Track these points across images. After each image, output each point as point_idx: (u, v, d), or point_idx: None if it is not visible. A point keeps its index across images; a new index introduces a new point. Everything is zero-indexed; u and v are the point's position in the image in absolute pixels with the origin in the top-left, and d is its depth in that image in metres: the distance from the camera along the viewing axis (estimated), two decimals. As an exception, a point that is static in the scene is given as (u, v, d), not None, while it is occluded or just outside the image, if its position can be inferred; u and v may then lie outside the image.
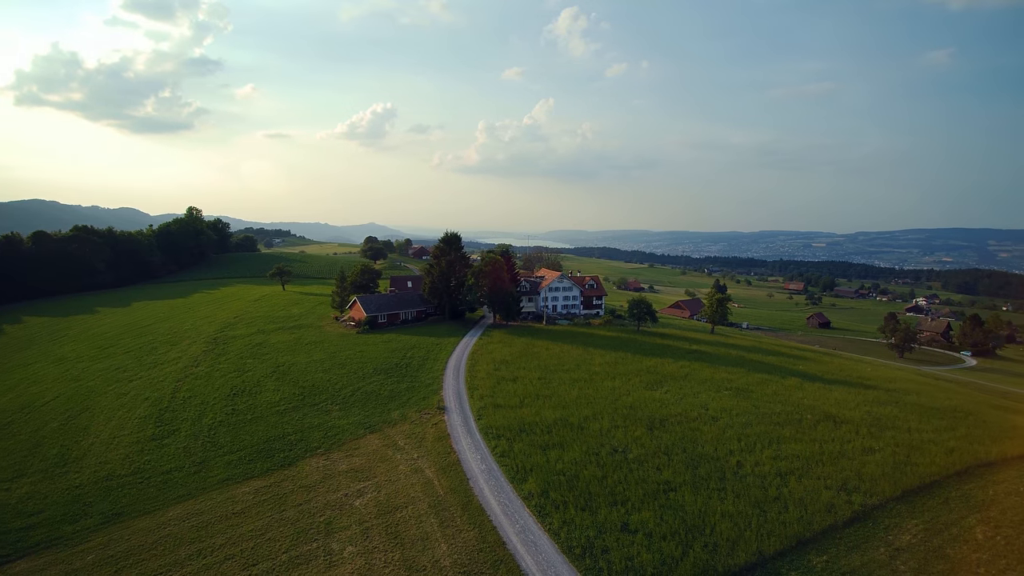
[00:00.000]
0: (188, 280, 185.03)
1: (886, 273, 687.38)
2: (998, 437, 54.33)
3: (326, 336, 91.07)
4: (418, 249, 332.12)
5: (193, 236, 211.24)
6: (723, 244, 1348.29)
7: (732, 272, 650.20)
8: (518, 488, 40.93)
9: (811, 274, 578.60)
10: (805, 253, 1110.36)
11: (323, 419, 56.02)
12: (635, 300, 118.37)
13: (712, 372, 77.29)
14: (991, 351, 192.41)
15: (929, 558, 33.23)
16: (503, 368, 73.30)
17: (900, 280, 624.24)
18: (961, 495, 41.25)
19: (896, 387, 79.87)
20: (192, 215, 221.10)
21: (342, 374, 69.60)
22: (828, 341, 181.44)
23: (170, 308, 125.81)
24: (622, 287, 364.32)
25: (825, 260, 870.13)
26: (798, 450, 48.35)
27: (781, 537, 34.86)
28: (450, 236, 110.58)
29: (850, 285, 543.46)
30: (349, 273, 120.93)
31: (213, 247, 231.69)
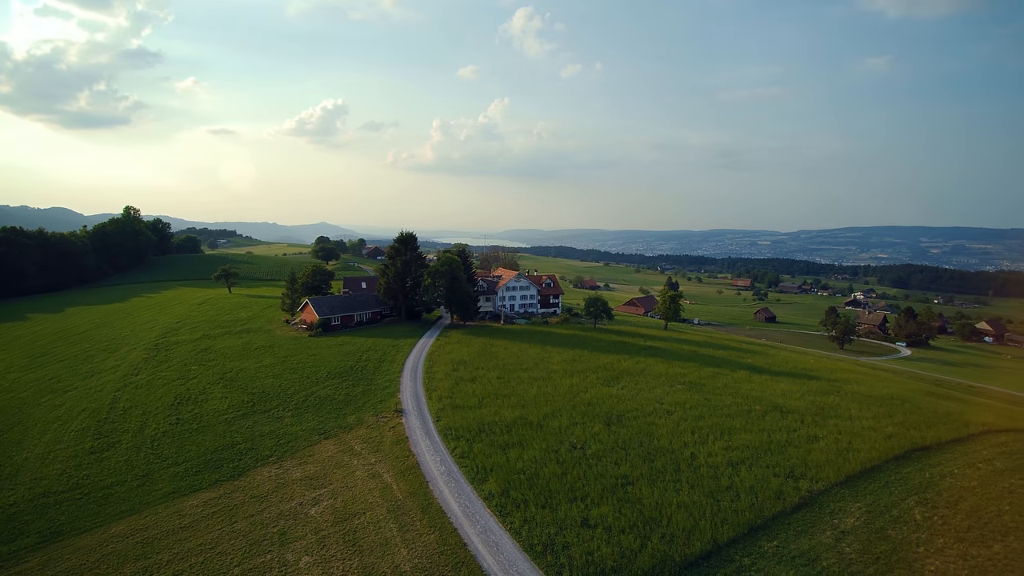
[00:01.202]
0: (126, 284, 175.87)
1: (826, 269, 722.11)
2: (932, 423, 57.76)
3: (276, 340, 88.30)
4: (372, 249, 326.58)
5: (131, 237, 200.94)
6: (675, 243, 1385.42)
7: (684, 270, 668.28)
8: (478, 488, 40.78)
9: (757, 271, 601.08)
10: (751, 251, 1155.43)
11: (275, 426, 54.26)
12: (591, 298, 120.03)
13: (666, 367, 79.16)
14: (924, 342, 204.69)
15: (872, 539, 35.01)
16: (461, 368, 72.90)
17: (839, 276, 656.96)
18: (900, 478, 43.65)
19: (837, 377, 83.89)
20: (129, 215, 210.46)
21: (294, 379, 67.62)
22: (774, 335, 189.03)
23: (107, 313, 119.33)
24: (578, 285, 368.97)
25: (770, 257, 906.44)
26: (748, 440, 50.09)
27: (734, 525, 35.99)
28: (405, 236, 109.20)
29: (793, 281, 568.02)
30: (300, 274, 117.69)
31: (153, 248, 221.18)
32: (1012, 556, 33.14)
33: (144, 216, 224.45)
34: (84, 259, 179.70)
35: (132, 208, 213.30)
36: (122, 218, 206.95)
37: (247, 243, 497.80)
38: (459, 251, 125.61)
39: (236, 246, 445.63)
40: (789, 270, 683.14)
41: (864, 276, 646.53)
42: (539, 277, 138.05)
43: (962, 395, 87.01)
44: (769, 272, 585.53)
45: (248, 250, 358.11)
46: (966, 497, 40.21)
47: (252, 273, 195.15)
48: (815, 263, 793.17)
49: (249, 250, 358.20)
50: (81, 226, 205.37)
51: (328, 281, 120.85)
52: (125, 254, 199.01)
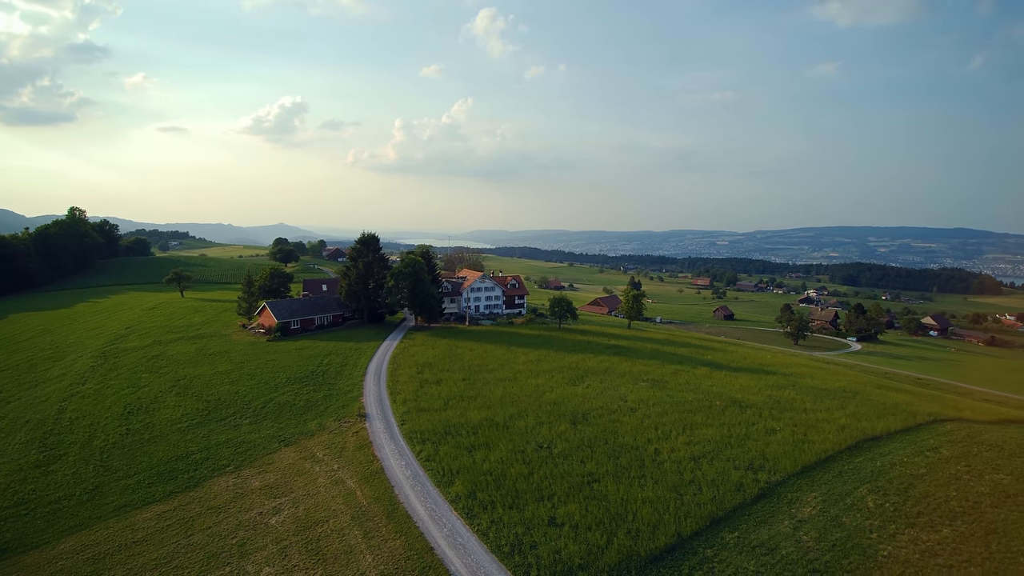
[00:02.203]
0: (72, 288, 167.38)
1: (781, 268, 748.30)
2: (882, 413, 60.20)
3: (232, 345, 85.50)
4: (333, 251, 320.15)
5: (76, 239, 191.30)
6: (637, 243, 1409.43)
7: (646, 269, 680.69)
8: (445, 491, 40.33)
9: (716, 270, 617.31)
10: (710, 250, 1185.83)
11: (232, 434, 52.45)
12: (556, 298, 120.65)
13: (630, 365, 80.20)
14: (873, 336, 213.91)
15: (828, 527, 36.18)
16: (426, 371, 72.12)
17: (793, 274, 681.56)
18: (852, 468, 45.29)
19: (793, 372, 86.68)
20: (74, 216, 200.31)
21: (252, 385, 65.56)
22: (733, 332, 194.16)
23: (51, 320, 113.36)
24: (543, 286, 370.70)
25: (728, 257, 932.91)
26: (709, 435, 51.14)
27: (697, 518, 36.64)
28: (368, 237, 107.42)
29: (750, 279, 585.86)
30: (257, 277, 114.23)
31: (100, 251, 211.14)
32: (960, 540, 34.78)
33: (90, 217, 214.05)
34: (26, 263, 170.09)
35: (77, 209, 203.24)
36: (67, 220, 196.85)
37: (201, 245, 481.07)
38: (423, 252, 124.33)
39: (189, 248, 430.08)
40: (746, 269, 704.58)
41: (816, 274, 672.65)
42: (504, 278, 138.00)
43: (910, 387, 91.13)
44: (727, 271, 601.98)
45: (202, 252, 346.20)
46: (915, 484, 42.03)
47: (206, 276, 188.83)
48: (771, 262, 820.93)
49: (203, 252, 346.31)
50: (23, 228, 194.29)
51: (287, 284, 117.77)
52: (70, 257, 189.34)
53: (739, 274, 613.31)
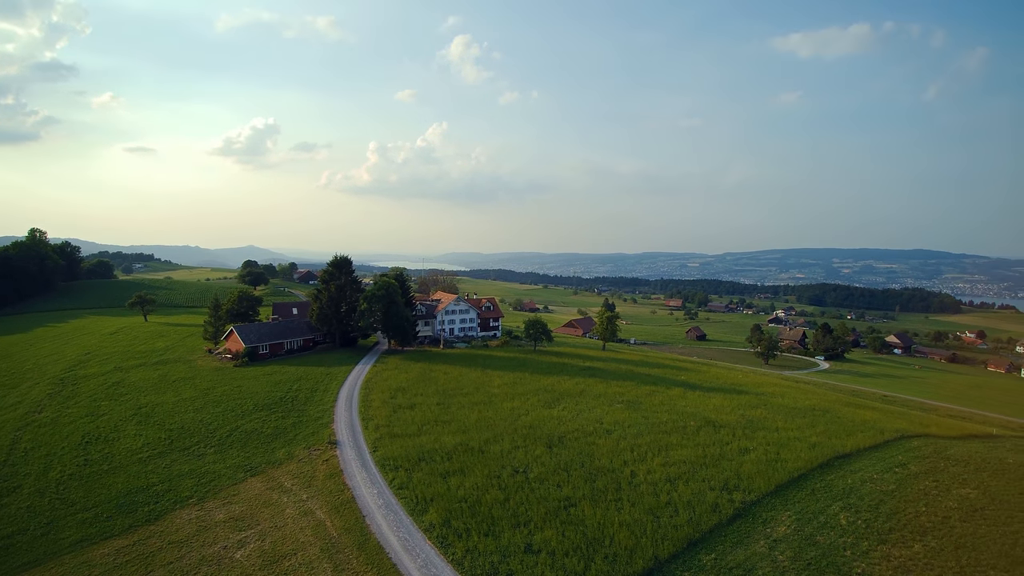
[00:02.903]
0: (31, 312, 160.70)
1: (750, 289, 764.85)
2: (851, 431, 61.26)
3: (198, 371, 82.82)
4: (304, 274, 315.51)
5: (36, 262, 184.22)
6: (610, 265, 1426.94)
7: (619, 291, 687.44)
8: (418, 520, 39.24)
9: (688, 291, 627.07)
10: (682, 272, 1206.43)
11: (195, 464, 50.37)
12: (531, 320, 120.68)
13: (605, 387, 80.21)
14: (840, 355, 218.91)
15: (802, 546, 36.25)
16: (399, 395, 70.86)
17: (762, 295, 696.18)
18: (824, 485, 45.73)
19: (764, 391, 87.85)
20: (35, 238, 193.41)
21: (217, 413, 63.35)
22: (705, 352, 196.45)
23: (7, 345, 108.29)
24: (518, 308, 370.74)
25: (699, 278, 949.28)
26: (684, 455, 51.16)
27: (674, 540, 36.33)
28: (340, 259, 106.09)
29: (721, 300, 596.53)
30: (224, 300, 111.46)
31: (61, 274, 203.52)
32: (931, 555, 35.18)
33: (52, 239, 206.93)
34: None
35: (38, 230, 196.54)
36: (26, 241, 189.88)
37: (166, 267, 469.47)
38: (396, 275, 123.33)
39: (153, 271, 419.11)
40: (716, 290, 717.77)
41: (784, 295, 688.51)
42: (479, 300, 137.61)
43: (877, 404, 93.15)
44: (698, 292, 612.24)
45: (167, 275, 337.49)
46: (886, 501, 42.57)
47: (171, 300, 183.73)
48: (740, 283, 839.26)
49: (168, 275, 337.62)
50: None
51: (256, 307, 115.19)
52: (29, 280, 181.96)
53: (710, 295, 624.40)
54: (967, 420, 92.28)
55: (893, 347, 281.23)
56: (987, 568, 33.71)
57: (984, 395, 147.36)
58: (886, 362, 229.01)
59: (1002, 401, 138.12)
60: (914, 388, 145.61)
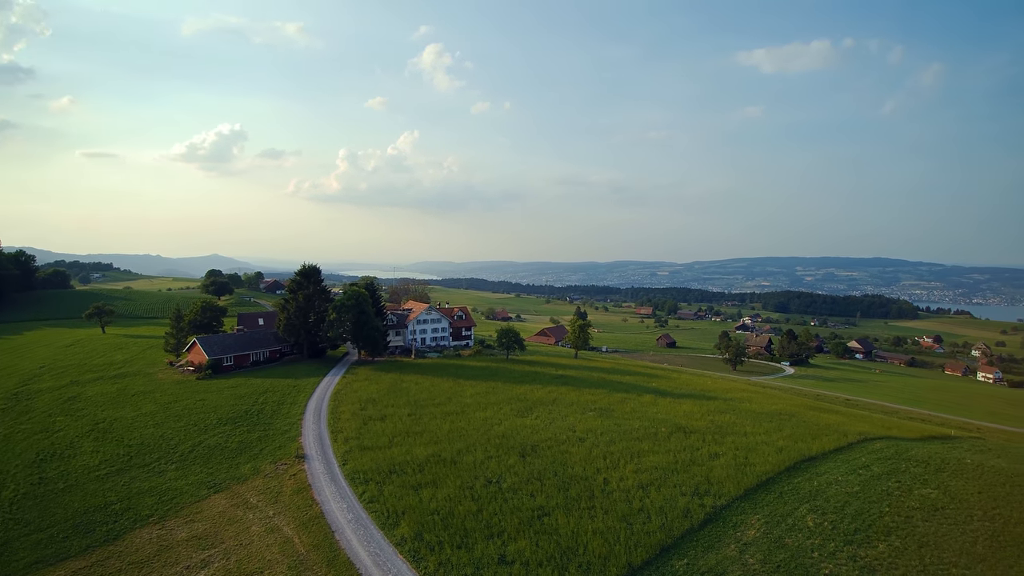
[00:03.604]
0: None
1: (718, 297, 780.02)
2: (817, 434, 62.65)
3: (158, 385, 80.00)
4: (271, 283, 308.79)
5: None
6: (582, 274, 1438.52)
7: (591, 300, 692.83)
8: (389, 534, 38.41)
9: (658, 299, 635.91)
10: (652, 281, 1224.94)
11: (156, 481, 48.42)
12: (503, 329, 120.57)
13: (578, 395, 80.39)
14: (805, 360, 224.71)
15: (772, 549, 36.71)
16: (370, 407, 69.65)
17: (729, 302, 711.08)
18: (792, 488, 46.54)
19: (732, 397, 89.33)
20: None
21: (179, 427, 61.15)
22: (675, 359, 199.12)
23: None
24: (490, 317, 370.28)
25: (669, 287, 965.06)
26: (656, 462, 51.48)
27: (647, 547, 36.38)
28: (308, 268, 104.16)
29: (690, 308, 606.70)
30: (187, 311, 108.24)
31: (14, 284, 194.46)
32: (895, 554, 36.06)
33: (5, 247, 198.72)
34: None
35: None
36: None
37: (125, 277, 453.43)
38: (367, 284, 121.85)
39: (112, 280, 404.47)
40: (686, 298, 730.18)
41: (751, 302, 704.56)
42: (451, 309, 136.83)
43: (840, 408, 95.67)
44: (669, 300, 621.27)
45: (127, 285, 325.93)
46: (851, 502, 43.54)
47: (130, 311, 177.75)
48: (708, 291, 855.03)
49: (128, 285, 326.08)
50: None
51: (220, 318, 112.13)
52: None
53: (679, 303, 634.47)
54: (926, 422, 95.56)
55: (855, 352, 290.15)
56: (949, 566, 34.71)
57: (942, 398, 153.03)
58: (848, 367, 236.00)
59: (959, 403, 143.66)
60: (875, 392, 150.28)
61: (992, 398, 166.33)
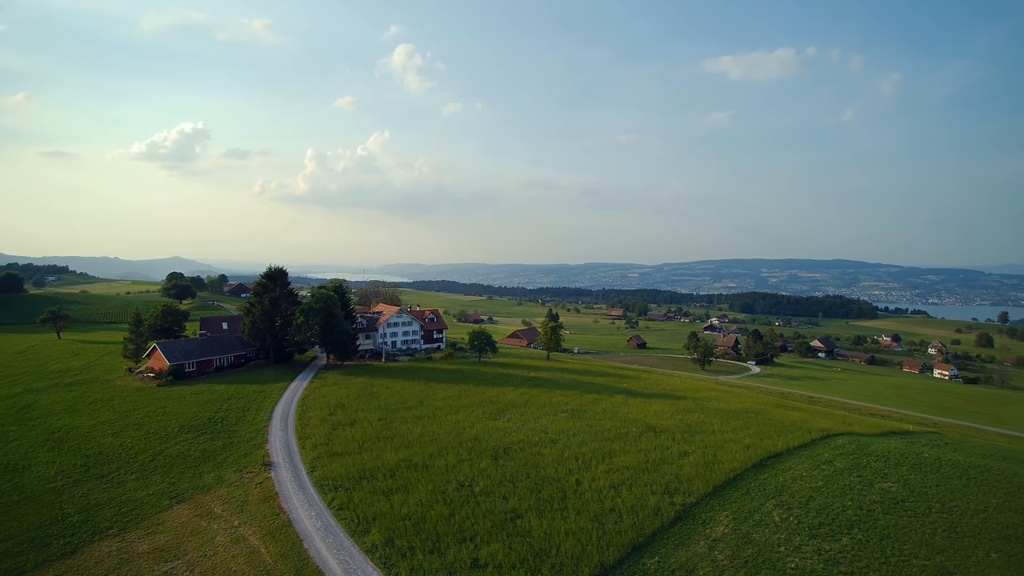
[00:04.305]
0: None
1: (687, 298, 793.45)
2: (782, 431, 64.14)
3: (117, 392, 77.14)
4: (236, 286, 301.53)
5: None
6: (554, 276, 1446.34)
7: (563, 301, 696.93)
8: (360, 541, 37.73)
9: (628, 301, 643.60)
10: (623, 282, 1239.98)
11: (115, 492, 46.57)
12: (475, 332, 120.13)
13: (550, 396, 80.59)
14: (770, 359, 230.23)
15: (740, 544, 37.37)
16: (339, 412, 68.46)
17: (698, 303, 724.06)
18: (758, 484, 47.51)
19: (701, 396, 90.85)
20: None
21: (139, 436, 59.00)
22: (646, 359, 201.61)
23: None
24: (462, 319, 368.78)
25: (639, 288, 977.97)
26: (627, 461, 51.93)
27: (618, 546, 36.61)
28: (274, 271, 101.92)
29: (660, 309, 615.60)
30: (147, 315, 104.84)
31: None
32: (858, 547, 37.16)
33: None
34: None
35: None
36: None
37: (82, 280, 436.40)
38: (336, 287, 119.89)
39: (68, 284, 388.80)
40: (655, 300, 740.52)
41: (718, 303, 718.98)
42: (422, 312, 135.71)
43: (804, 405, 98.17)
44: (639, 302, 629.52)
45: (83, 288, 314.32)
46: (815, 497, 44.68)
47: (87, 315, 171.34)
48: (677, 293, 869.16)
49: (84, 288, 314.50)
50: None
51: (181, 322, 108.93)
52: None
53: (649, 304, 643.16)
54: (886, 418, 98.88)
55: (817, 351, 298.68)
56: (910, 557, 35.91)
57: (900, 394, 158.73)
58: (811, 365, 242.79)
59: (916, 400, 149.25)
60: (837, 389, 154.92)
61: (948, 394, 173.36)
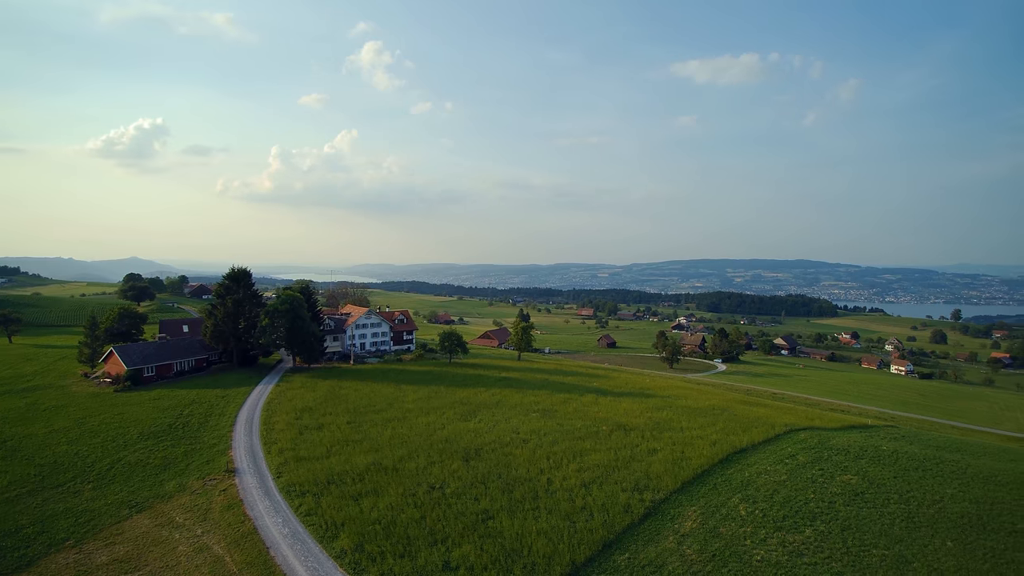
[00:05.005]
0: None
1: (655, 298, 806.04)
2: (747, 427, 65.64)
3: (72, 398, 74.06)
4: (197, 287, 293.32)
5: None
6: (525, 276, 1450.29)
7: (534, 302, 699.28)
8: (328, 547, 37.03)
9: (599, 301, 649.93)
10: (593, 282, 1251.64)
11: (71, 502, 44.65)
12: (446, 333, 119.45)
13: (521, 397, 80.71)
14: (735, 357, 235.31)
15: (708, 538, 38.07)
16: (306, 416, 67.16)
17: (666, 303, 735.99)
18: (725, 479, 48.50)
19: (669, 394, 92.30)
20: None
21: (95, 444, 56.73)
22: (616, 358, 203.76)
23: None
24: (433, 320, 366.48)
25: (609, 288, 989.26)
26: (598, 460, 52.37)
27: (589, 544, 36.87)
28: (237, 272, 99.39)
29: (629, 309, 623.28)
30: (103, 318, 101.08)
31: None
32: (820, 538, 38.32)
33: None
34: None
35: None
36: None
37: (34, 282, 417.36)
38: (302, 288, 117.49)
39: (19, 286, 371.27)
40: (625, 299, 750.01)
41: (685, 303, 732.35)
42: (391, 313, 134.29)
43: (768, 401, 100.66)
44: (609, 302, 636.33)
45: (35, 290, 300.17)
46: (779, 490, 45.85)
47: (40, 318, 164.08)
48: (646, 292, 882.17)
49: (37, 291, 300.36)
50: None
51: (140, 325, 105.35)
52: None
53: (619, 304, 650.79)
54: (846, 412, 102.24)
55: (781, 348, 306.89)
56: (870, 547, 37.17)
57: (860, 390, 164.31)
58: (775, 362, 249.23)
59: (875, 395, 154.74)
60: (800, 385, 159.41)
61: (904, 389, 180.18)
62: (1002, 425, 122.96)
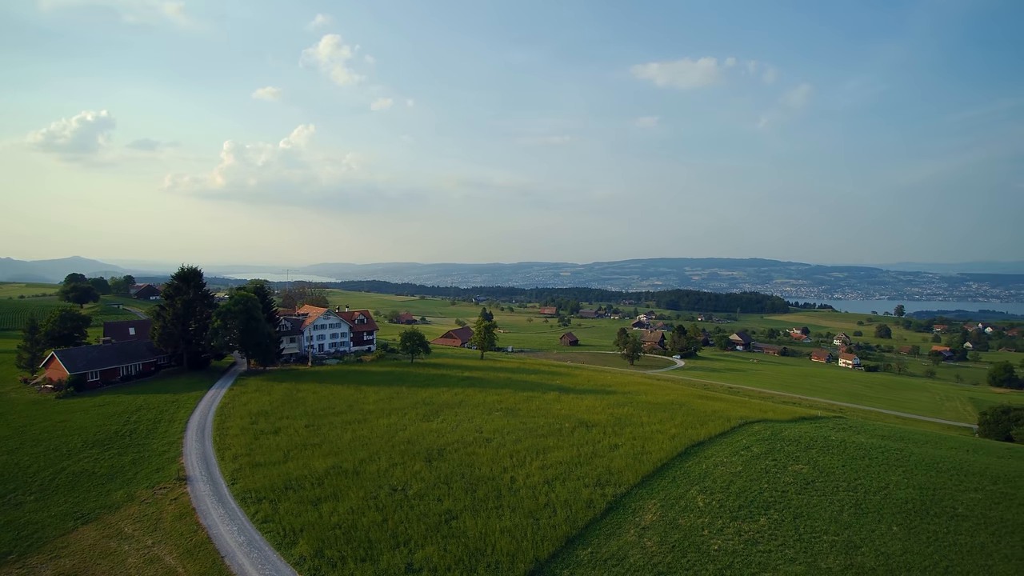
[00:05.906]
0: None
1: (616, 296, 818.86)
2: (704, 421, 67.35)
3: (11, 405, 69.99)
4: (144, 288, 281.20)
5: None
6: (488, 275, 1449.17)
7: (497, 300, 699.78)
8: (286, 554, 36.13)
9: (561, 299, 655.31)
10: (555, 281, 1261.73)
11: (12, 515, 42.21)
12: (408, 333, 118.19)
13: (484, 396, 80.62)
14: (693, 353, 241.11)
15: (667, 530, 38.91)
16: (261, 420, 65.35)
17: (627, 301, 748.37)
18: (683, 472, 49.67)
19: (630, 390, 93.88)
20: None
21: (37, 453, 53.76)
22: (578, 356, 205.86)
23: None
24: (394, 320, 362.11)
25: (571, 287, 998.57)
26: (561, 457, 52.81)
27: (553, 540, 37.15)
28: (187, 272, 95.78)
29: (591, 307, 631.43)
30: (43, 321, 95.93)
31: None
32: (774, 526, 39.71)
33: None
34: None
35: None
36: None
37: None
38: (256, 288, 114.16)
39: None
40: (587, 298, 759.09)
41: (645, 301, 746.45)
42: (351, 313, 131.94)
43: (724, 396, 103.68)
44: (571, 300, 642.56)
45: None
46: (735, 481, 47.26)
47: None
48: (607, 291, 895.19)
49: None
50: None
51: (83, 328, 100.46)
52: None
53: (581, 302, 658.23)
54: (797, 405, 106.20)
55: (736, 344, 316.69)
56: (821, 534, 38.76)
57: (810, 382, 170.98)
58: (731, 358, 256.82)
59: (824, 387, 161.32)
60: (754, 379, 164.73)
61: (851, 381, 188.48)
62: (943, 415, 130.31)
